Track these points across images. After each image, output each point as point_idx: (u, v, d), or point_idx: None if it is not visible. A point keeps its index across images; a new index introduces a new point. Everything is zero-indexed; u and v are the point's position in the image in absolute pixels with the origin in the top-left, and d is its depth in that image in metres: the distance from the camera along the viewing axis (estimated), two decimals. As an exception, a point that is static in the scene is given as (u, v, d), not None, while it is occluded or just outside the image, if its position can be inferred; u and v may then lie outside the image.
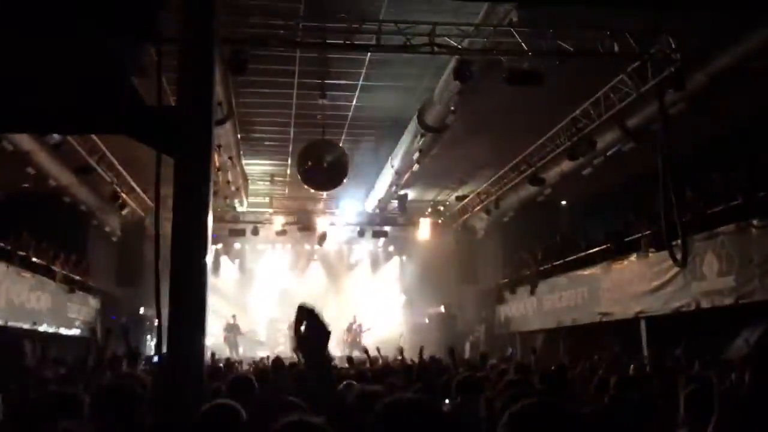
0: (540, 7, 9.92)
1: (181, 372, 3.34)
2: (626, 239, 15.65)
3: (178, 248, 3.47)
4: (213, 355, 12.69)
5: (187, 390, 3.32)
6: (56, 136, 13.13)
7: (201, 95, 3.71)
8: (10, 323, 14.17)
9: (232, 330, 21.28)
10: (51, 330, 16.16)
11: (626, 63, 11.76)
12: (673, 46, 10.76)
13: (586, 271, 17.09)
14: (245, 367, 13.22)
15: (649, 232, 14.26)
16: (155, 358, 8.30)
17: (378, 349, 11.90)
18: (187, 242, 3.50)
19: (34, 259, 16.18)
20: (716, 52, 10.85)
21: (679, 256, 11.09)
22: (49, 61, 3.58)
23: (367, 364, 10.17)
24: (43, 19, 3.56)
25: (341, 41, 10.89)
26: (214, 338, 19.11)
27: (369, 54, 12.21)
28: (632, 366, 9.53)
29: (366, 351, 11.13)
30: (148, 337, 19.95)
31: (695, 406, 3.87)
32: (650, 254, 14.15)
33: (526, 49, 10.58)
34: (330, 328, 2.91)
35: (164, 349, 3.36)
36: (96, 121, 3.94)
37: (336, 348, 19.38)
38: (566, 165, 15.52)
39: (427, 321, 23.55)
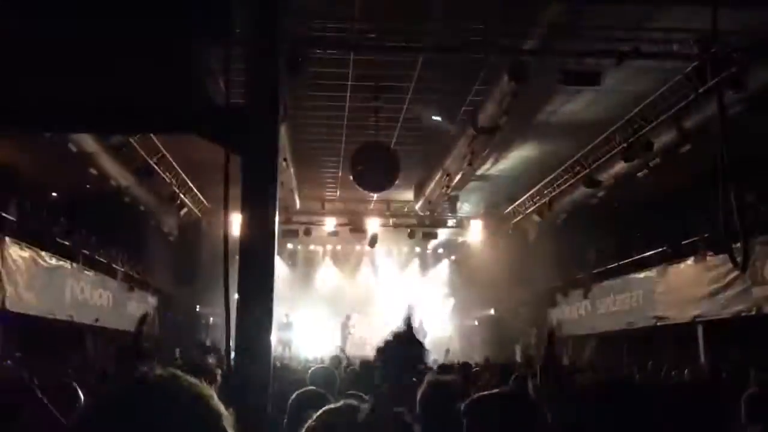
0: (597, 4, 9.82)
1: (250, 371, 3.44)
2: (683, 242, 15.34)
3: (246, 247, 3.59)
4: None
5: (256, 388, 3.42)
6: (118, 138, 13.54)
7: (268, 94, 3.82)
8: (75, 319, 14.69)
9: (285, 329, 21.58)
10: (112, 327, 16.66)
11: (685, 63, 11.53)
12: (733, 46, 10.50)
13: (642, 274, 16.80)
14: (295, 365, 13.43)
15: (707, 235, 13.94)
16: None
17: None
18: (254, 241, 3.61)
19: (96, 258, 16.73)
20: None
21: (739, 260, 10.79)
22: (118, 60, 3.74)
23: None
24: (113, 16, 3.72)
25: (394, 43, 10.98)
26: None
27: (422, 56, 12.27)
28: (687, 370, 9.37)
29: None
30: (203, 335, 20.40)
31: (757, 409, 3.83)
32: (708, 257, 13.84)
33: (582, 48, 10.47)
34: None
35: (231, 347, 3.47)
36: (165, 121, 4.09)
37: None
38: (621, 166, 15.27)
39: (476, 324, 23.46)
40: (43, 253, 13.48)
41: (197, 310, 20.71)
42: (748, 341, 12.55)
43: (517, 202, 21.45)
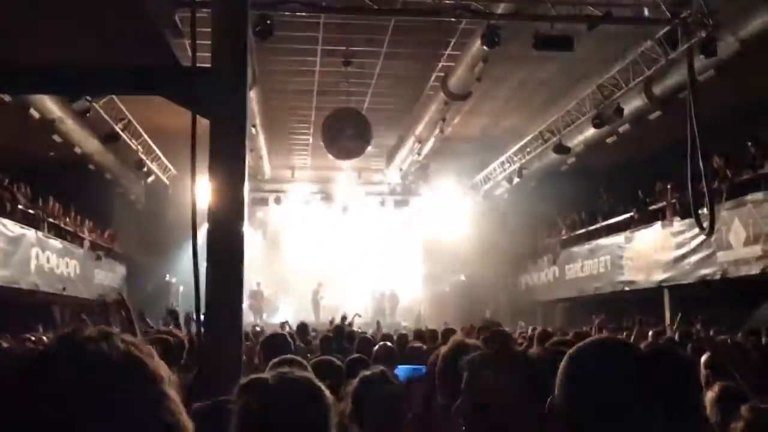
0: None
1: (220, 337, 3.40)
2: (651, 207, 15.55)
3: (215, 210, 3.51)
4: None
5: (227, 354, 3.38)
6: (83, 104, 13.21)
7: (236, 57, 3.71)
8: (41, 288, 14.45)
9: (255, 297, 21.52)
10: (80, 296, 16.44)
11: (656, 28, 11.55)
12: (705, 10, 10.53)
13: (609, 240, 17.03)
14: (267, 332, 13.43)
15: (674, 200, 14.15)
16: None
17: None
18: (223, 204, 3.53)
19: (62, 226, 16.42)
20: (748, 16, 10.61)
21: (705, 225, 10.99)
22: (83, 20, 3.60)
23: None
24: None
25: (366, 5, 10.80)
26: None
27: (394, 20, 12.11)
28: (651, 332, 9.52)
29: (378, 324, 11.19)
30: (174, 303, 20.24)
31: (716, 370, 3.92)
32: (675, 222, 14.06)
33: (555, 13, 10.41)
34: None
35: (201, 314, 3.41)
36: (131, 82, 3.97)
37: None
38: (591, 133, 15.36)
39: (447, 290, 23.65)
40: (6, 221, 13.18)
41: (167, 278, 20.50)
42: (712, 305, 12.84)
43: (487, 169, 21.50)
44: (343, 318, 10.89)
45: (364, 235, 24.05)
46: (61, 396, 0.77)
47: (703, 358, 4.61)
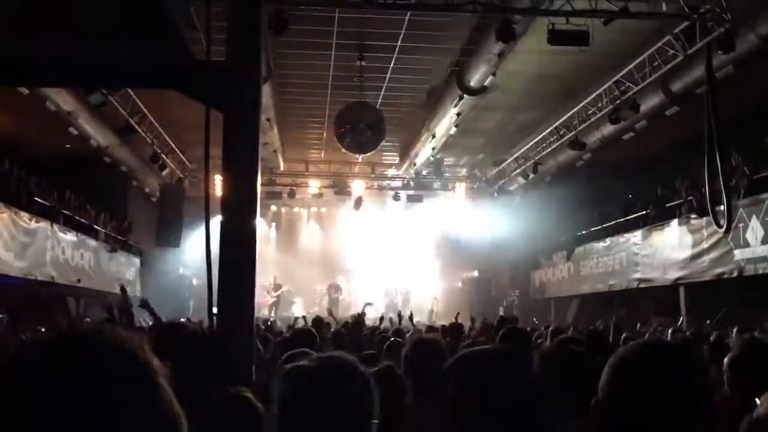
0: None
1: (233, 331, 3.40)
2: (667, 205, 15.43)
3: (228, 204, 3.51)
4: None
5: (240, 348, 3.39)
6: (98, 97, 13.28)
7: (250, 51, 3.71)
8: (57, 280, 14.58)
9: (270, 291, 21.62)
10: (94, 288, 16.58)
11: (674, 23, 11.42)
12: (724, 5, 10.39)
13: (624, 237, 16.91)
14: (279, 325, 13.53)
15: (691, 197, 14.02)
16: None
17: (411, 316, 11.89)
18: (236, 198, 3.53)
19: (77, 218, 16.55)
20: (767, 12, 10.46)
21: (723, 222, 10.88)
22: (99, 14, 3.60)
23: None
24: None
25: (380, 0, 10.77)
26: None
27: (408, 14, 12.05)
28: (669, 331, 9.44)
29: (400, 314, 11.20)
30: (187, 295, 20.37)
31: (742, 368, 3.83)
32: (692, 220, 13.94)
33: (571, 8, 10.32)
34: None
35: (214, 308, 3.42)
36: (146, 76, 3.98)
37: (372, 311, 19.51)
38: (607, 129, 15.24)
39: (460, 285, 23.62)
40: (22, 214, 13.29)
41: (180, 271, 20.63)
42: (729, 304, 12.72)
43: (502, 165, 21.42)
44: (360, 314, 10.90)
45: (377, 229, 24.07)
46: (57, 389, 0.78)
47: (726, 359, 4.50)
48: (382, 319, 11.38)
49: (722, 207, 10.84)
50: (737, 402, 3.13)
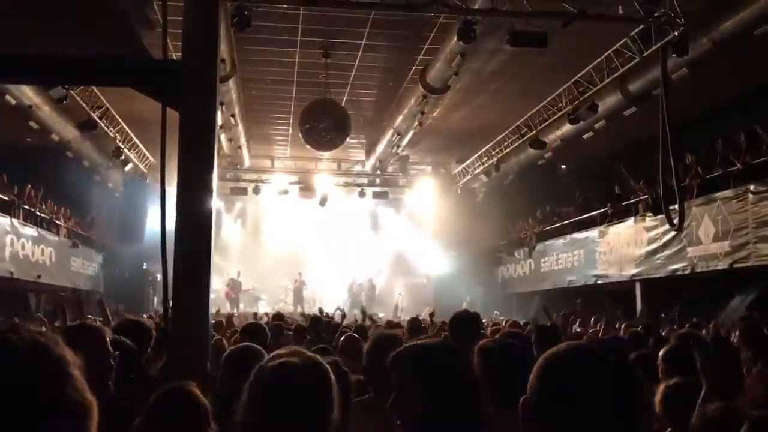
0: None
1: (187, 325, 3.47)
2: (624, 203, 15.80)
3: (183, 201, 3.58)
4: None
5: (194, 341, 3.46)
6: (59, 91, 13.14)
7: (205, 49, 3.78)
8: (16, 275, 14.38)
9: (234, 286, 21.57)
10: (55, 283, 16.38)
11: (630, 26, 11.73)
12: (678, 10, 10.71)
13: (583, 234, 17.28)
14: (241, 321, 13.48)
15: (646, 196, 14.39)
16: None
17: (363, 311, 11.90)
18: (191, 195, 3.60)
19: (38, 213, 16.33)
20: (720, 17, 10.81)
21: (676, 221, 11.22)
22: (54, 11, 3.65)
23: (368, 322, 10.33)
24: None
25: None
26: (214, 294, 19.38)
27: (373, 13, 12.16)
28: (623, 325, 9.70)
29: (363, 310, 11.23)
30: (151, 291, 20.24)
31: (673, 362, 4.02)
32: (647, 218, 14.31)
33: (530, 10, 10.53)
34: None
35: (170, 303, 3.48)
36: (101, 73, 4.02)
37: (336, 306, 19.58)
38: (567, 129, 15.54)
39: (425, 282, 23.82)
40: (-19, 209, 13.12)
41: (144, 267, 20.48)
42: (683, 299, 13.10)
43: (465, 163, 21.67)
44: (320, 311, 10.92)
45: (342, 225, 24.15)
46: None
47: (661, 352, 4.73)
48: (344, 315, 11.41)
49: (675, 206, 11.18)
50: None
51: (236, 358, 3.16)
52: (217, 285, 20.35)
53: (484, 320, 11.87)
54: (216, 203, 3.85)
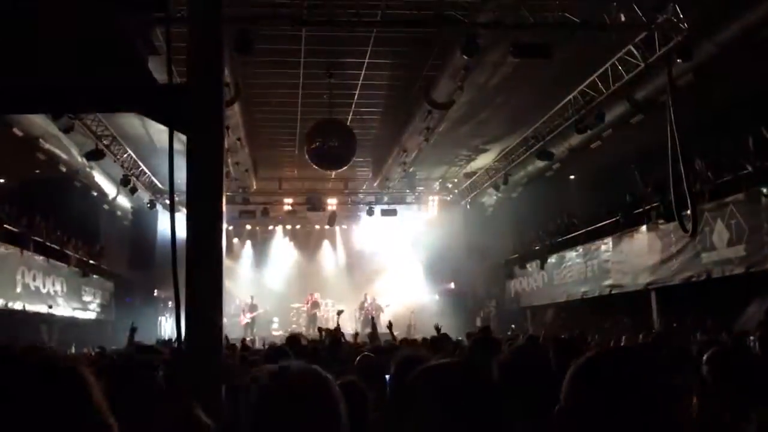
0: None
1: (201, 352, 3.41)
2: (635, 211, 15.67)
3: (193, 227, 3.53)
4: (226, 337, 12.77)
5: (208, 369, 3.40)
6: (66, 121, 13.20)
7: (210, 72, 3.75)
8: (28, 307, 14.37)
9: (248, 309, 21.53)
10: (67, 314, 16.35)
11: (633, 34, 11.69)
12: (681, 15, 10.67)
13: (596, 245, 17.13)
14: (258, 346, 13.42)
15: (658, 203, 14.26)
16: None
17: (390, 325, 11.88)
18: (201, 220, 3.56)
19: (48, 244, 16.35)
20: (724, 21, 10.76)
21: (689, 226, 11.10)
22: (60, 38, 3.63)
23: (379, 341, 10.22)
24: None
25: (347, 18, 10.88)
26: (226, 319, 19.33)
27: (375, 31, 12.18)
28: (641, 335, 9.58)
29: (374, 326, 11.14)
30: (162, 318, 20.21)
31: (718, 367, 3.91)
32: (660, 225, 14.17)
33: (532, 21, 10.52)
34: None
35: (183, 330, 3.43)
36: (108, 100, 4.00)
37: (348, 325, 19.49)
38: (574, 138, 15.48)
39: (437, 298, 23.69)
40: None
41: (155, 293, 20.46)
42: (699, 306, 12.94)
43: (474, 177, 21.61)
44: (336, 329, 10.86)
45: (352, 245, 24.09)
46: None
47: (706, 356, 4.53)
48: (357, 334, 11.33)
49: (688, 211, 11.07)
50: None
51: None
52: (228, 309, 20.31)
53: (499, 335, 11.81)
54: (225, 226, 3.80)
